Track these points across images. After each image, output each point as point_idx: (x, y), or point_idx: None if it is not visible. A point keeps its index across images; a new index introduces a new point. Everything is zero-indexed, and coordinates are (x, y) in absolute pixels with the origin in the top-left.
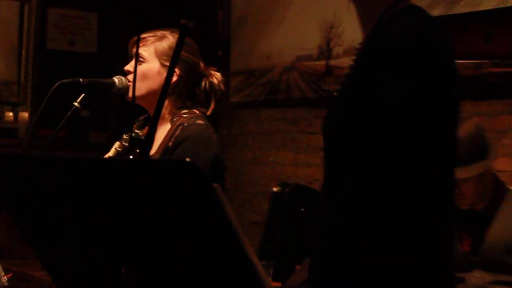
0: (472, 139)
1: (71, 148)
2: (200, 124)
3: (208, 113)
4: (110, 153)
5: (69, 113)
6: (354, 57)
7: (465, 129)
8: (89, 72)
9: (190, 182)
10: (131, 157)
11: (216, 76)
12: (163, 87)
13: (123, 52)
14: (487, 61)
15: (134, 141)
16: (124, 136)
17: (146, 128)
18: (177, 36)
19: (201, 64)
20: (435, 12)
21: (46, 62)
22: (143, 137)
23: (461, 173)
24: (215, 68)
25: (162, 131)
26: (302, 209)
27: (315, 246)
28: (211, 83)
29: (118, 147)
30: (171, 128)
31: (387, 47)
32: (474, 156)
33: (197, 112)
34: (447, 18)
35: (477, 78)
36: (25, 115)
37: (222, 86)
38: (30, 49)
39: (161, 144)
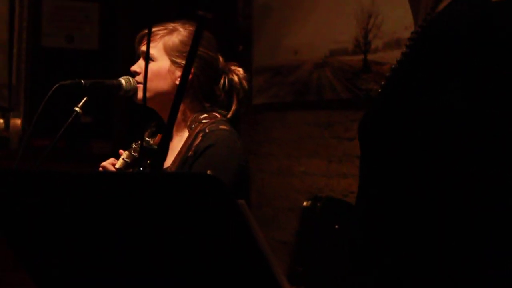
0: None
1: (71, 159)
2: (223, 129)
3: (229, 115)
4: (118, 164)
5: (70, 120)
6: (404, 50)
7: None
8: (90, 72)
9: (212, 199)
10: (141, 169)
11: (238, 72)
12: (178, 88)
13: (128, 49)
14: None
15: (146, 151)
16: (133, 145)
17: (159, 136)
18: (189, 28)
19: (220, 59)
20: None
21: (40, 61)
22: (155, 147)
23: None
24: (237, 64)
25: (179, 139)
26: (336, 226)
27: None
28: (231, 81)
29: (127, 158)
30: (189, 136)
31: (452, 39)
32: None
33: (218, 115)
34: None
35: None
36: (18, 122)
37: (245, 84)
38: (23, 47)
39: (178, 154)
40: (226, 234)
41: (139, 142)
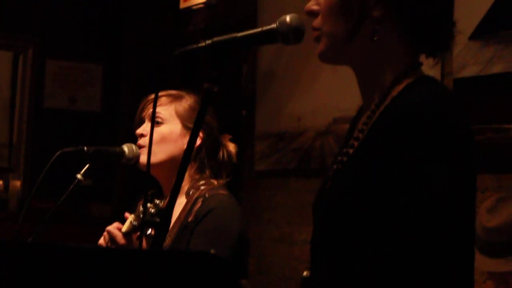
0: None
1: (70, 221)
2: (223, 194)
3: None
4: (124, 228)
5: (71, 187)
6: (361, 127)
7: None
8: (92, 134)
9: (214, 278)
10: (149, 233)
11: (233, 146)
12: (185, 154)
13: (131, 112)
14: None
15: (146, 223)
16: (141, 208)
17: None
18: (194, 97)
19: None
20: (496, 68)
21: (42, 122)
22: (157, 219)
23: (506, 266)
24: (231, 136)
25: (177, 205)
26: None
27: None
28: (229, 154)
29: (134, 221)
30: (187, 202)
31: (413, 125)
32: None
33: (215, 182)
34: (510, 75)
35: None
36: (17, 183)
37: (235, 159)
38: (25, 107)
39: (177, 220)
40: None
41: (148, 204)
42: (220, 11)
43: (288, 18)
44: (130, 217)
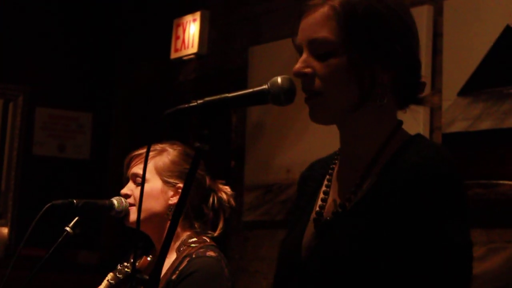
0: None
1: (57, 269)
2: (210, 257)
3: (216, 234)
4: (102, 286)
5: (60, 239)
6: (359, 182)
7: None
8: (81, 182)
9: None
10: None
11: (225, 190)
12: (174, 212)
13: (119, 160)
14: None
15: (138, 282)
16: (119, 267)
17: (144, 258)
18: (178, 148)
19: (207, 178)
20: (485, 125)
21: (31, 169)
22: (146, 277)
23: None
24: (224, 181)
25: (166, 261)
26: None
27: None
28: (220, 199)
29: (111, 279)
30: (176, 258)
31: (430, 184)
32: None
33: (207, 239)
34: (498, 132)
35: None
36: (5, 231)
37: (232, 202)
38: (13, 154)
39: (164, 276)
40: None
41: (124, 263)
42: (210, 62)
43: (279, 80)
44: (108, 276)
